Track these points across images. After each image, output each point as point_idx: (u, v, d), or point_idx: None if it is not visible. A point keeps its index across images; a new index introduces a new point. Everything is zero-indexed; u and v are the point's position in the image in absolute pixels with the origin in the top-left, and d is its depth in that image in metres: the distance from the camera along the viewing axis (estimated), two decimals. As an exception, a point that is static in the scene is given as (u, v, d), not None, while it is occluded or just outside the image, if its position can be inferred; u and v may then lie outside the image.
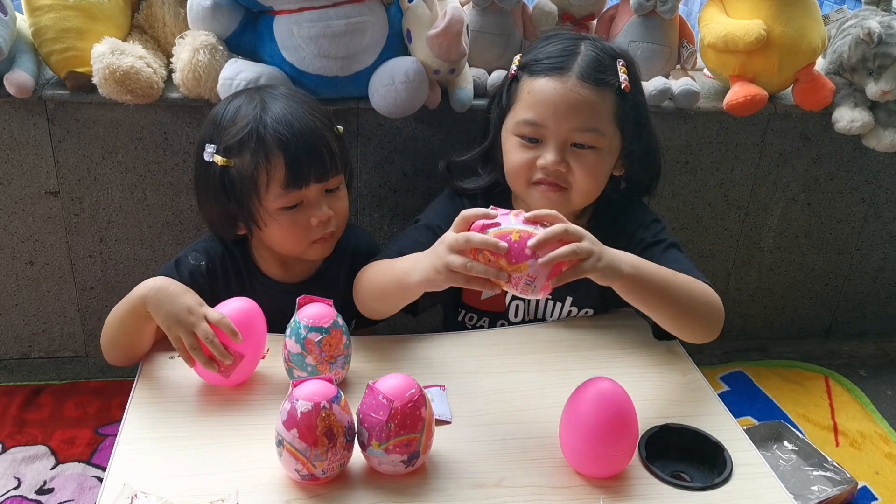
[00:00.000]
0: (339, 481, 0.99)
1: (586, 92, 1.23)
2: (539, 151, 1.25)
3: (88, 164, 1.65)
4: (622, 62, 1.27)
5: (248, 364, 1.14)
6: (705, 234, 1.95)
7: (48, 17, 1.53)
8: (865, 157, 1.91)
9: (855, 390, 1.96)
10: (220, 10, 1.51)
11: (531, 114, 1.25)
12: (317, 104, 1.33)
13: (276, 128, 1.22)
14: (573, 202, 1.29)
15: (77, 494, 1.54)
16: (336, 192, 1.30)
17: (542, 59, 1.26)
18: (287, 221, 1.26)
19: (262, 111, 1.24)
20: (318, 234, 1.28)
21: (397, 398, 0.96)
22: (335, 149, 1.27)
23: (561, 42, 1.29)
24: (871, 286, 2.10)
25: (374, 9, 1.55)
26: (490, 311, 1.40)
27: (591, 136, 1.24)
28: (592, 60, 1.25)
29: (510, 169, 1.30)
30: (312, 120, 1.26)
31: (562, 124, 1.23)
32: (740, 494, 1.01)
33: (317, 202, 1.26)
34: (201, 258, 1.33)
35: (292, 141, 1.22)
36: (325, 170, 1.25)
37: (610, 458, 1.00)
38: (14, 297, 1.78)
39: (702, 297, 1.20)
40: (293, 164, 1.22)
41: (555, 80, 1.24)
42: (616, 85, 1.25)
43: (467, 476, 1.01)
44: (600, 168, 1.28)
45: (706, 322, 1.20)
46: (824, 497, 1.58)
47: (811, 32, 1.73)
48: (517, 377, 1.20)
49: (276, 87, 1.36)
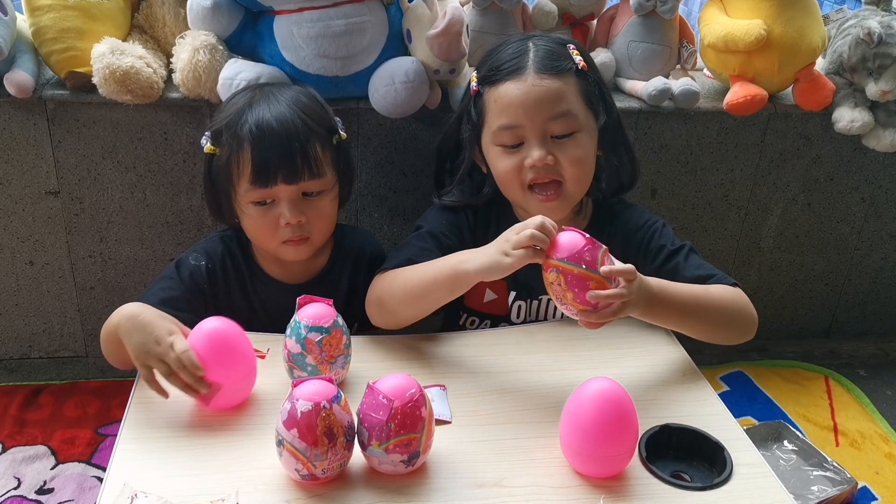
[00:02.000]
0: (339, 481, 0.99)
1: (548, 82, 1.25)
2: (523, 153, 1.26)
3: (88, 164, 1.65)
4: (572, 46, 1.30)
5: (239, 387, 1.10)
6: (705, 234, 1.95)
7: (48, 17, 1.53)
8: (865, 157, 1.91)
9: (855, 390, 1.96)
10: (220, 10, 1.51)
11: (504, 119, 1.26)
12: (318, 108, 1.32)
13: (252, 123, 1.24)
14: (570, 195, 1.30)
15: (77, 494, 1.54)
16: (315, 196, 1.28)
17: (498, 67, 1.28)
18: (257, 216, 1.27)
19: (248, 106, 1.26)
20: (287, 236, 1.27)
21: (397, 398, 0.96)
22: (315, 154, 1.25)
23: (510, 46, 1.31)
24: (871, 286, 2.10)
25: (374, 9, 1.55)
26: (492, 314, 1.40)
27: (566, 121, 1.26)
28: (544, 53, 1.27)
29: (501, 178, 1.31)
30: (296, 122, 1.25)
31: (535, 119, 1.25)
32: (740, 494, 1.01)
33: (289, 203, 1.25)
34: (201, 258, 1.34)
35: (263, 139, 1.23)
36: (294, 172, 1.24)
37: (610, 458, 1.00)
38: (14, 297, 1.78)
39: (730, 306, 1.25)
40: (259, 162, 1.23)
41: (515, 81, 1.25)
42: (573, 68, 1.27)
43: (467, 476, 1.01)
44: (585, 152, 1.29)
45: (737, 328, 1.26)
46: (824, 497, 1.58)
47: (811, 32, 1.73)
48: (517, 377, 1.20)
49: (285, 87, 1.35)
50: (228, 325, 1.10)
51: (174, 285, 1.30)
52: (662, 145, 1.81)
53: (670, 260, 1.32)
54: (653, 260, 1.33)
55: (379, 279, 1.28)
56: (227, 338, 1.09)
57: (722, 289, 1.26)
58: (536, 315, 1.39)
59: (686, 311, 1.20)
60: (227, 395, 1.08)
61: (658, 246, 1.34)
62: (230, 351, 1.08)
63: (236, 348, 1.09)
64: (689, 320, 1.22)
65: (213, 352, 1.07)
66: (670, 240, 1.35)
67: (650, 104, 1.74)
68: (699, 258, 1.33)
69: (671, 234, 1.37)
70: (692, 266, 1.31)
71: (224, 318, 1.11)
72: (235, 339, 1.10)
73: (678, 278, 1.29)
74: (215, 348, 1.07)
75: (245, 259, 1.36)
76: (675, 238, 1.36)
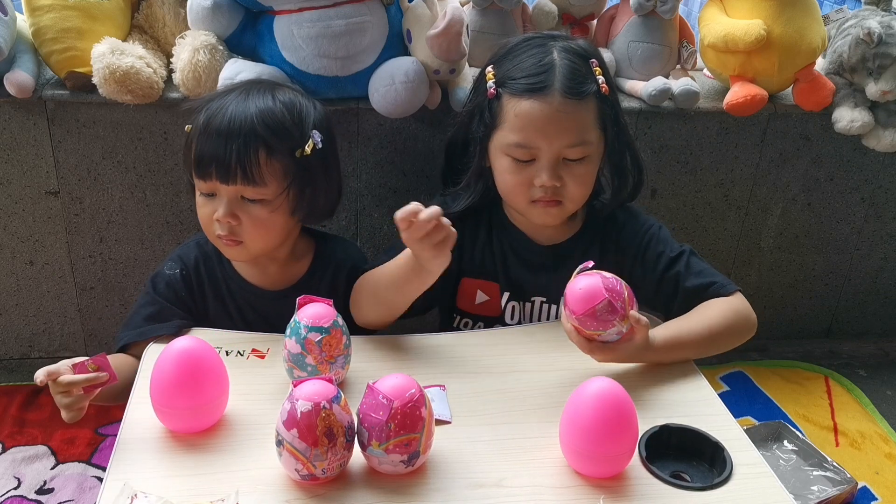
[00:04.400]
0: (339, 481, 0.99)
1: (572, 108, 1.22)
2: (533, 171, 1.25)
3: (88, 164, 1.65)
4: (595, 62, 1.27)
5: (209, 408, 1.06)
6: (705, 234, 1.95)
7: (48, 17, 1.53)
8: (865, 157, 1.91)
9: (855, 390, 1.96)
10: (220, 10, 1.51)
11: (521, 137, 1.24)
12: (288, 119, 1.24)
13: (209, 114, 1.22)
14: (567, 211, 1.30)
15: (77, 494, 1.54)
16: (255, 203, 1.23)
17: (520, 78, 1.24)
18: (200, 204, 1.26)
19: (221, 96, 1.25)
20: (220, 231, 1.25)
21: (397, 398, 0.96)
22: (256, 161, 1.20)
23: (533, 51, 1.26)
24: (871, 286, 2.10)
25: (374, 9, 1.55)
26: (485, 316, 1.40)
27: (581, 149, 1.25)
28: (570, 71, 1.23)
29: (507, 189, 1.30)
30: (248, 125, 1.20)
31: (553, 144, 1.23)
32: (740, 494, 1.01)
33: (226, 201, 1.23)
34: (175, 266, 1.33)
35: (208, 132, 1.21)
36: (227, 172, 1.20)
37: (610, 458, 1.00)
38: (14, 297, 1.78)
39: (729, 326, 1.26)
40: (199, 153, 1.22)
41: (540, 102, 1.22)
42: (596, 90, 1.25)
43: (467, 476, 1.01)
44: (591, 176, 1.29)
45: (737, 339, 1.28)
46: (824, 497, 1.58)
47: (811, 32, 1.73)
48: (517, 377, 1.20)
49: (275, 88, 1.29)
50: (199, 345, 1.06)
51: (152, 301, 1.30)
52: (662, 145, 1.81)
53: (671, 268, 1.32)
54: (653, 269, 1.33)
55: (361, 280, 1.29)
56: (197, 358, 1.05)
57: (718, 309, 1.26)
58: (530, 317, 1.39)
59: (690, 349, 1.23)
60: (197, 416, 1.05)
61: (657, 253, 1.33)
62: (200, 371, 1.04)
63: (207, 369, 1.05)
64: (694, 354, 1.24)
65: (183, 372, 1.03)
66: (669, 245, 1.34)
67: (650, 104, 1.74)
68: (699, 262, 1.33)
69: (669, 237, 1.36)
70: (693, 274, 1.31)
71: (196, 338, 1.08)
72: (206, 359, 1.06)
73: (679, 288, 1.30)
74: (185, 369, 1.03)
75: (220, 263, 1.35)
76: (674, 242, 1.35)
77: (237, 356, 1.21)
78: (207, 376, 1.05)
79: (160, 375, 1.04)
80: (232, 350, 1.22)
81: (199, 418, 1.05)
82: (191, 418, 1.05)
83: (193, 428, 1.06)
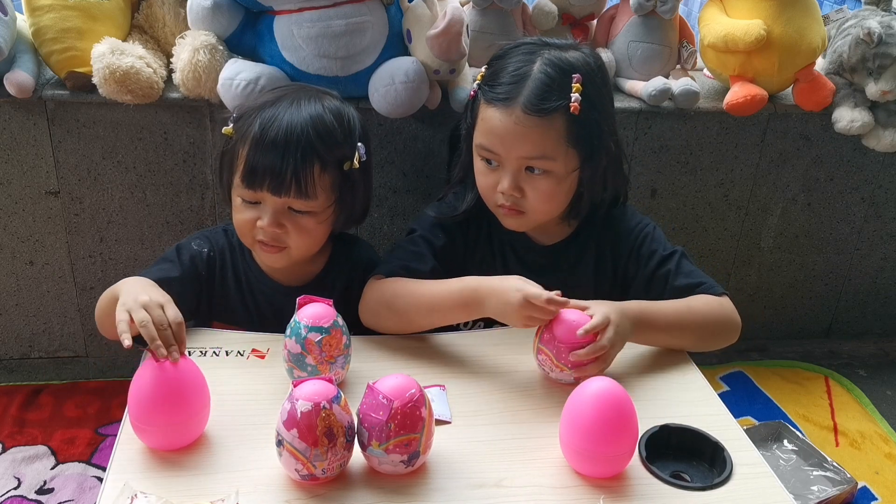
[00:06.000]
0: (339, 481, 0.99)
1: (531, 122, 1.20)
2: (498, 175, 1.26)
3: (88, 164, 1.65)
4: (577, 77, 1.21)
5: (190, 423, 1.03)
6: (705, 234, 1.95)
7: (48, 17, 1.53)
8: (865, 157, 1.91)
9: (855, 390, 1.96)
10: (220, 10, 1.51)
11: (485, 140, 1.25)
12: (338, 130, 1.24)
13: (261, 123, 1.21)
14: (532, 221, 1.30)
15: (77, 494, 1.54)
16: (302, 215, 1.24)
17: (495, 85, 1.23)
18: (241, 209, 1.26)
19: (271, 103, 1.24)
20: (262, 237, 1.25)
21: (397, 398, 0.96)
22: (310, 175, 1.21)
23: (517, 58, 1.24)
24: (871, 286, 2.10)
25: (374, 9, 1.55)
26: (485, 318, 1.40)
27: (541, 161, 1.23)
28: (539, 87, 1.20)
29: (480, 189, 1.31)
30: (303, 137, 1.20)
31: (510, 153, 1.23)
32: (740, 494, 1.01)
33: (272, 211, 1.23)
34: (204, 245, 1.34)
35: (262, 143, 1.20)
36: (281, 185, 1.20)
37: (610, 458, 1.00)
38: (14, 297, 1.78)
39: (712, 318, 1.26)
40: (251, 164, 1.21)
41: (500, 112, 1.22)
42: (564, 106, 1.21)
43: (467, 476, 1.01)
44: (555, 191, 1.26)
45: (719, 338, 1.29)
46: (824, 497, 1.58)
47: (811, 32, 1.73)
48: (517, 377, 1.20)
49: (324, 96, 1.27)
50: (182, 361, 1.04)
51: (173, 268, 1.29)
52: (662, 145, 1.81)
53: (662, 266, 1.32)
54: (645, 265, 1.33)
55: (374, 285, 1.28)
56: (179, 373, 1.02)
57: (704, 300, 1.27)
58: None
59: (669, 329, 1.24)
60: (177, 432, 1.02)
61: (650, 251, 1.34)
62: (183, 386, 1.02)
63: (188, 383, 1.03)
64: (673, 337, 1.25)
65: (165, 388, 1.01)
66: (662, 244, 1.34)
67: (650, 104, 1.74)
68: (690, 264, 1.33)
69: (663, 237, 1.37)
70: (683, 274, 1.31)
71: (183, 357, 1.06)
72: (188, 374, 1.03)
73: (668, 286, 1.30)
74: (166, 384, 1.01)
75: (243, 254, 1.36)
76: (667, 242, 1.36)
77: (237, 356, 1.21)
78: (190, 389, 1.02)
79: (138, 393, 1.01)
80: (232, 350, 1.22)
81: (178, 435, 1.02)
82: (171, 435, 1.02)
83: (173, 445, 1.03)
